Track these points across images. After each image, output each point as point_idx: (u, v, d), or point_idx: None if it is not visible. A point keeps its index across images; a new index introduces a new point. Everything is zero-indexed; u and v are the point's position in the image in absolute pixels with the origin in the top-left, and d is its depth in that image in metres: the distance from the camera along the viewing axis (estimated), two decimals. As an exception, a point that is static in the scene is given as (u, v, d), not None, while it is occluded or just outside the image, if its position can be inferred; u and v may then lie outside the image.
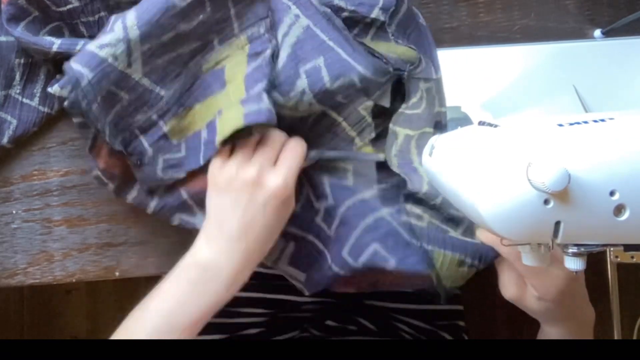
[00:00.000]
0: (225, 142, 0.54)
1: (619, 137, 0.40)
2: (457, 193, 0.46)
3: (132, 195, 0.60)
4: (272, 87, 0.55)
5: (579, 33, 0.65)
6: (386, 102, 0.59)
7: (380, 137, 0.60)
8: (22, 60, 0.61)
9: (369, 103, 0.59)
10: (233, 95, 0.56)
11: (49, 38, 0.57)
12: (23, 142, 0.63)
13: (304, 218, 0.62)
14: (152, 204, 0.60)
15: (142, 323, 0.53)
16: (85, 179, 0.63)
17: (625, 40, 0.64)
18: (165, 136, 0.58)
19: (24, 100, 0.61)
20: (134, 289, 1.37)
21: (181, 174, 0.58)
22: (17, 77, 0.61)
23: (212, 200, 0.55)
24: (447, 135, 0.54)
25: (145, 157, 0.57)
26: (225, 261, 0.53)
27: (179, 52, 0.57)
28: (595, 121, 0.42)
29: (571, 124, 0.42)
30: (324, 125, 0.60)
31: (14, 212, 0.63)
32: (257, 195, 0.53)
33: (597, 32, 0.65)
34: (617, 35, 0.64)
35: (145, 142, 0.57)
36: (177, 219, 0.60)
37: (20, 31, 0.57)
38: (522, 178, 0.39)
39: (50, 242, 0.63)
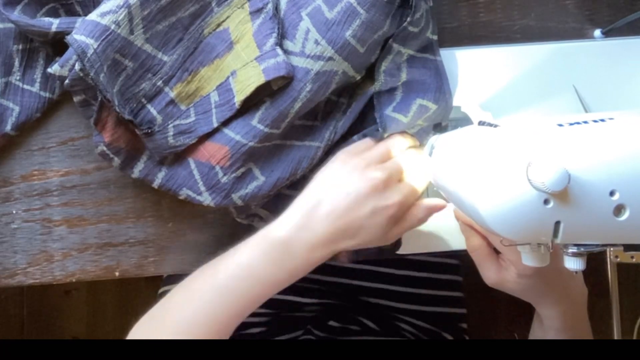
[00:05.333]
0: (245, 100, 0.55)
1: (619, 137, 0.41)
2: (457, 193, 0.46)
3: (139, 168, 0.59)
4: (281, 38, 0.56)
5: (579, 33, 0.65)
6: (393, 28, 0.58)
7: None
8: (21, 47, 0.61)
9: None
10: (245, 54, 0.57)
11: (47, 19, 0.57)
12: (23, 142, 0.63)
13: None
14: (160, 175, 0.59)
15: (211, 282, 0.54)
16: (85, 179, 0.63)
17: (625, 40, 0.64)
18: (172, 102, 0.58)
19: (25, 86, 0.61)
20: (134, 289, 1.38)
21: (193, 140, 0.58)
22: (17, 63, 0.61)
23: (325, 176, 0.56)
24: (447, 135, 0.54)
25: (155, 125, 0.57)
26: (310, 242, 0.53)
27: (179, 17, 0.57)
28: (595, 121, 0.42)
29: (571, 124, 0.42)
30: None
31: (14, 212, 0.63)
32: (372, 198, 0.53)
33: (597, 32, 0.65)
34: (617, 35, 0.64)
35: (153, 110, 0.57)
36: (184, 193, 0.59)
37: (17, 14, 0.57)
38: (522, 178, 0.39)
39: (50, 242, 0.63)
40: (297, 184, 0.62)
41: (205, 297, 0.53)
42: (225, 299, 0.53)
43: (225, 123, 0.57)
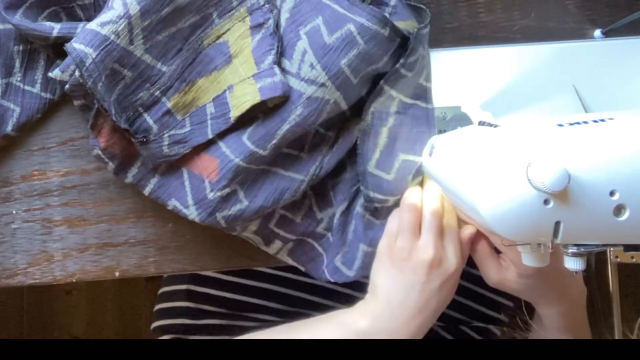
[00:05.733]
0: (240, 116, 0.55)
1: (619, 137, 0.41)
2: (457, 193, 0.46)
3: (132, 172, 0.59)
4: (280, 56, 0.56)
5: (579, 33, 0.65)
6: (388, 67, 0.58)
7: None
8: (21, 48, 0.60)
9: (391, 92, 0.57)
10: (243, 70, 0.57)
11: (48, 23, 0.57)
12: (23, 142, 0.63)
13: (304, 228, 0.62)
14: (153, 182, 0.59)
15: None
16: (85, 179, 0.63)
17: (625, 40, 0.64)
18: (169, 112, 0.58)
19: (26, 87, 0.61)
20: (134, 289, 1.38)
21: (187, 149, 0.58)
22: (17, 64, 0.61)
23: (383, 277, 0.55)
24: (447, 135, 0.54)
25: (151, 134, 0.57)
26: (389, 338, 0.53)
27: (179, 27, 0.57)
28: (595, 121, 0.42)
29: (571, 124, 0.42)
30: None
31: (14, 212, 0.63)
32: (434, 278, 0.53)
33: (597, 32, 0.65)
34: (617, 35, 0.64)
35: (149, 119, 0.57)
36: (172, 204, 0.59)
37: (18, 18, 0.57)
38: (522, 178, 0.39)
39: (50, 242, 0.63)
40: (284, 224, 0.62)
41: None
42: None
43: (221, 136, 0.57)
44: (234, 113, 0.56)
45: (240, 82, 0.56)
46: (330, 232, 0.62)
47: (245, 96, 0.55)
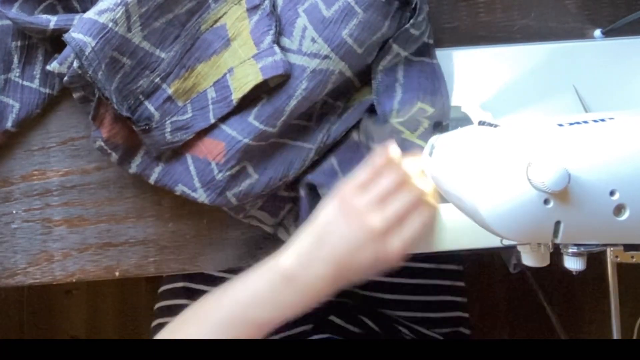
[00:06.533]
0: (242, 97, 0.56)
1: (619, 137, 0.41)
2: (457, 193, 0.46)
3: (136, 162, 0.59)
4: (279, 36, 0.56)
5: (579, 33, 0.65)
6: (392, 29, 0.58)
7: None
8: (19, 43, 0.60)
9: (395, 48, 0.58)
10: (243, 52, 0.57)
11: (45, 16, 0.57)
12: (23, 142, 0.63)
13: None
14: (157, 170, 0.59)
15: (218, 308, 0.54)
16: (85, 179, 0.63)
17: (625, 40, 0.64)
18: (170, 99, 0.58)
19: (24, 82, 0.61)
20: (134, 289, 1.38)
21: (190, 135, 0.58)
22: (15, 60, 0.61)
23: (326, 217, 0.54)
24: (447, 135, 0.54)
25: (153, 121, 0.57)
26: (312, 281, 0.53)
27: (176, 13, 0.57)
28: (595, 121, 0.42)
29: (571, 124, 0.42)
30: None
31: (14, 212, 0.63)
32: (371, 246, 0.53)
33: (597, 32, 0.65)
34: (617, 35, 0.64)
35: (150, 106, 0.58)
36: (180, 189, 0.59)
37: (15, 12, 0.57)
38: (522, 178, 0.39)
39: (50, 242, 0.63)
40: (292, 185, 0.62)
41: (212, 321, 0.54)
42: (230, 323, 0.53)
43: (223, 119, 0.58)
44: (236, 95, 0.56)
45: (240, 64, 0.57)
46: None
47: (247, 77, 0.56)
